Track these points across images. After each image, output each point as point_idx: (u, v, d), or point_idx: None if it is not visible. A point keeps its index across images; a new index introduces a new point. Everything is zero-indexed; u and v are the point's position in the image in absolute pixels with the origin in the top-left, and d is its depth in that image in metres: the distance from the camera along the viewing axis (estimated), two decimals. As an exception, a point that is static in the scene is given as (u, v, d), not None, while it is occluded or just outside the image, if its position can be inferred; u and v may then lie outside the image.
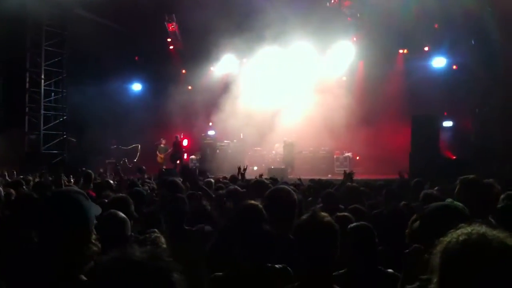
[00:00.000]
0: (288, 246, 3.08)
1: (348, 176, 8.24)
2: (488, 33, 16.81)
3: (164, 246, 3.41)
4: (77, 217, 2.23)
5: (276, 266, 2.96)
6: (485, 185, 4.83)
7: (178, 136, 22.26)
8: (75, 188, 2.55)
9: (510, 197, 5.05)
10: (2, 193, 5.88)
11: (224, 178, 10.55)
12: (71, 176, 11.77)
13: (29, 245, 2.67)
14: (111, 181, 8.10)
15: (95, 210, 2.36)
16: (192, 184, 7.14)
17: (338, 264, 2.93)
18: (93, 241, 2.26)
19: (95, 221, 2.31)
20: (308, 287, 2.65)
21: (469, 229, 1.70)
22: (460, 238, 1.68)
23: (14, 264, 2.54)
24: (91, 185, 8.27)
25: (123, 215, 3.52)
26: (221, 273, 2.99)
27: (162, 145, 22.57)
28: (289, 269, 2.97)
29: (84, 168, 13.05)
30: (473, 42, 17.41)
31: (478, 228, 1.69)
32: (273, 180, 9.22)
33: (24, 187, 7.42)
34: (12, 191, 6.22)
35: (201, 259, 3.82)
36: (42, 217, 2.26)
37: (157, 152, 22.50)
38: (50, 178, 9.97)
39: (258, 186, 5.55)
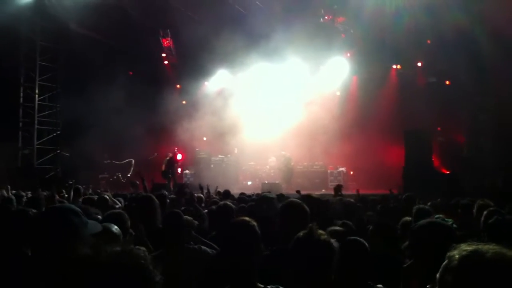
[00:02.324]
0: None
1: (337, 189, 8.30)
2: (479, 48, 16.96)
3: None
4: (66, 234, 2.24)
5: (268, 286, 2.90)
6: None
7: (172, 151, 22.15)
8: (68, 205, 2.55)
9: (493, 213, 5.09)
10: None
11: (218, 193, 10.56)
12: (64, 191, 11.71)
13: (22, 258, 2.66)
14: (106, 197, 8.05)
15: (93, 227, 2.37)
16: (188, 201, 7.17)
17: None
18: None
19: (90, 238, 2.32)
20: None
21: (474, 246, 1.71)
22: (476, 256, 1.68)
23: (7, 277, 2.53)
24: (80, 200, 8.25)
25: (117, 230, 3.50)
26: None
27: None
28: None
29: (71, 182, 12.99)
30: (464, 58, 17.52)
31: (490, 245, 1.70)
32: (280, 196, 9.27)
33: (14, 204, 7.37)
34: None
35: (196, 277, 3.81)
36: (34, 234, 2.28)
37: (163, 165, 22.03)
38: (45, 193, 9.91)
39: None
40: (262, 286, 2.89)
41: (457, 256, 1.70)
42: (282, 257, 2.97)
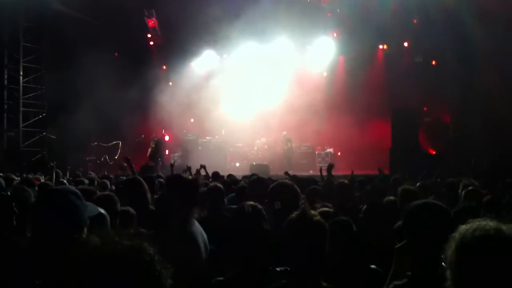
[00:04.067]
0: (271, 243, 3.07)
1: (329, 168, 8.37)
2: (466, 28, 17.00)
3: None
4: (69, 217, 2.22)
5: (277, 269, 2.92)
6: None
7: (160, 133, 22.03)
8: (69, 186, 2.52)
9: (471, 193, 5.18)
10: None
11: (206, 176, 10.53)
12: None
13: (19, 243, 2.65)
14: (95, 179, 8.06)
15: (90, 210, 2.36)
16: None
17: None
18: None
19: (88, 221, 2.31)
20: (296, 284, 2.66)
21: (484, 223, 1.75)
22: (477, 233, 1.72)
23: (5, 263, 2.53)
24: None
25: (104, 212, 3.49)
26: (221, 278, 2.98)
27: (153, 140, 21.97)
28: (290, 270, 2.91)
29: (52, 164, 12.89)
30: (451, 38, 17.57)
31: (491, 222, 1.74)
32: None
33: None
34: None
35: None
36: (35, 216, 2.26)
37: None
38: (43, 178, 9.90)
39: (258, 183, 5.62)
40: (271, 268, 2.91)
41: (460, 233, 1.74)
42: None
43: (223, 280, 2.96)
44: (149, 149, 21.44)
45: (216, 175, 9.92)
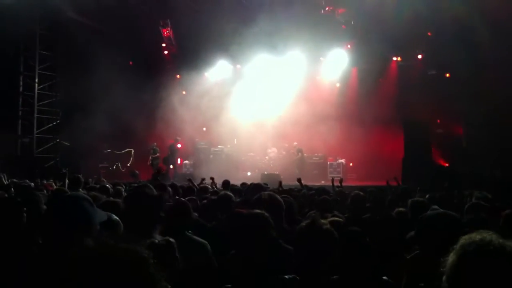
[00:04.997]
0: (277, 251, 3.09)
1: (340, 181, 8.42)
2: (479, 41, 16.94)
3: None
4: (80, 223, 2.26)
5: (286, 276, 2.91)
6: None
7: (178, 139, 22.18)
8: (81, 193, 2.56)
9: (474, 206, 5.14)
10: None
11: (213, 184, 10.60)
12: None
13: (33, 247, 2.68)
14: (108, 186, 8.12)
15: (100, 216, 2.39)
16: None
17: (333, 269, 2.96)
18: None
19: (98, 227, 2.34)
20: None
21: (480, 236, 1.75)
22: (481, 246, 1.72)
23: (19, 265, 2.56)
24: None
25: (116, 218, 3.53)
26: (229, 286, 2.97)
27: (153, 148, 22.27)
28: (298, 278, 2.91)
29: (65, 170, 12.95)
30: (464, 50, 17.50)
31: (494, 236, 1.75)
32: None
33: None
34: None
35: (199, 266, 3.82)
36: (48, 221, 2.29)
37: (150, 156, 22.14)
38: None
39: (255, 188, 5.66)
40: (281, 276, 2.90)
41: (461, 245, 1.75)
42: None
43: None
44: (150, 158, 21.57)
45: (226, 184, 9.94)
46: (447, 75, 20.95)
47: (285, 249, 3.61)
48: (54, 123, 21.73)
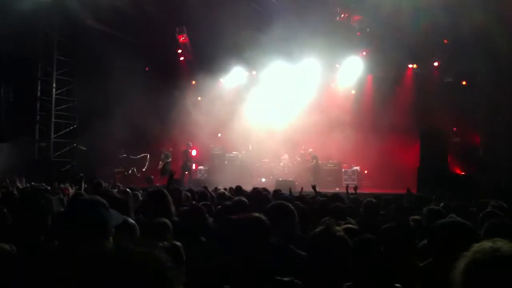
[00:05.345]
0: (289, 257, 3.11)
1: (355, 188, 8.41)
2: (497, 48, 16.79)
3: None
4: (96, 227, 2.29)
5: (285, 279, 2.93)
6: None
7: (190, 144, 22.19)
8: (96, 197, 2.59)
9: (489, 214, 5.09)
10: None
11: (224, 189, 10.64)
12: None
13: (50, 248, 2.72)
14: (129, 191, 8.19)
15: (116, 219, 2.41)
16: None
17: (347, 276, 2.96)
18: None
19: (113, 230, 2.37)
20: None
21: (491, 245, 1.74)
22: (485, 255, 1.71)
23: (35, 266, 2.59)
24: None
25: (132, 222, 3.57)
26: (227, 286, 3.00)
27: (165, 153, 22.24)
28: (298, 282, 2.95)
29: (81, 175, 13.02)
30: (481, 58, 17.36)
31: (500, 244, 1.73)
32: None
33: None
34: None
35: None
36: (63, 225, 2.33)
37: (160, 161, 22.10)
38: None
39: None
40: (279, 278, 2.92)
41: (470, 252, 1.74)
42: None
43: None
44: (160, 163, 21.58)
45: (239, 189, 9.98)
46: (464, 83, 20.80)
47: (298, 254, 3.64)
48: (71, 127, 21.97)
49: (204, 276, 3.37)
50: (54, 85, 21.34)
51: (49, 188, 9.21)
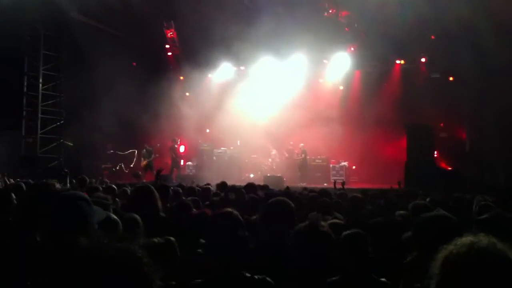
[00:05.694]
0: (287, 253, 3.11)
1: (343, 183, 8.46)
2: (483, 44, 16.89)
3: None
4: (78, 222, 2.27)
5: (255, 276, 2.92)
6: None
7: (176, 140, 22.06)
8: (79, 192, 2.57)
9: (485, 207, 5.12)
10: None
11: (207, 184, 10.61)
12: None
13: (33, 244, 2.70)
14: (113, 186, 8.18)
15: (99, 215, 2.40)
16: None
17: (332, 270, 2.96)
18: None
19: (96, 226, 2.36)
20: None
21: (471, 239, 1.73)
22: (462, 249, 1.70)
23: (23, 262, 2.57)
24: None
25: (115, 217, 3.55)
26: (199, 280, 3.00)
27: (145, 150, 21.89)
28: (269, 280, 2.93)
29: (66, 170, 12.93)
30: (468, 53, 17.45)
31: (480, 239, 1.72)
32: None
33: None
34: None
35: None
36: (46, 221, 2.31)
37: (142, 158, 21.89)
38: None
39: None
40: (249, 275, 2.92)
41: (446, 248, 1.74)
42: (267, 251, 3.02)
43: (200, 283, 2.96)
44: (142, 160, 21.43)
45: (223, 185, 9.93)
46: (451, 78, 20.93)
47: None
48: (58, 123, 21.80)
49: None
50: (40, 80, 21.16)
51: (34, 183, 9.12)
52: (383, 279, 3.48)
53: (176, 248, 3.48)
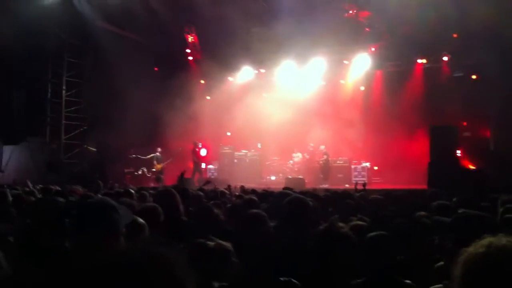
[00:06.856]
0: (304, 252, 3.10)
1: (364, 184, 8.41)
2: (507, 42, 16.64)
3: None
4: (107, 229, 2.30)
5: (281, 279, 2.90)
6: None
7: (197, 143, 22.15)
8: (106, 199, 2.60)
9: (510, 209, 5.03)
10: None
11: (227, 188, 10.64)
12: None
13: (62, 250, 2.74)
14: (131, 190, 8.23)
15: (126, 218, 2.42)
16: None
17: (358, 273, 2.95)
18: None
19: (124, 230, 2.38)
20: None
21: (490, 240, 1.70)
22: (480, 250, 1.67)
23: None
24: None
25: (142, 221, 3.59)
26: (226, 284, 3.00)
27: (158, 154, 22.21)
28: (295, 281, 2.92)
29: (92, 175, 13.10)
30: (491, 52, 17.20)
31: (499, 240, 1.70)
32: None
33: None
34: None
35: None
36: (74, 228, 2.34)
37: (154, 162, 22.13)
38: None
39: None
40: (275, 277, 2.90)
41: (480, 250, 1.71)
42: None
43: (229, 286, 2.96)
44: (157, 164, 21.55)
45: (242, 189, 10.03)
46: (474, 76, 20.64)
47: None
48: (81, 129, 22.09)
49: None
50: (64, 87, 21.48)
51: (60, 189, 9.26)
52: (408, 281, 3.45)
53: (230, 253, 3.45)
